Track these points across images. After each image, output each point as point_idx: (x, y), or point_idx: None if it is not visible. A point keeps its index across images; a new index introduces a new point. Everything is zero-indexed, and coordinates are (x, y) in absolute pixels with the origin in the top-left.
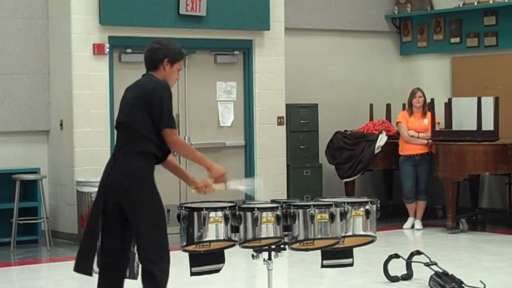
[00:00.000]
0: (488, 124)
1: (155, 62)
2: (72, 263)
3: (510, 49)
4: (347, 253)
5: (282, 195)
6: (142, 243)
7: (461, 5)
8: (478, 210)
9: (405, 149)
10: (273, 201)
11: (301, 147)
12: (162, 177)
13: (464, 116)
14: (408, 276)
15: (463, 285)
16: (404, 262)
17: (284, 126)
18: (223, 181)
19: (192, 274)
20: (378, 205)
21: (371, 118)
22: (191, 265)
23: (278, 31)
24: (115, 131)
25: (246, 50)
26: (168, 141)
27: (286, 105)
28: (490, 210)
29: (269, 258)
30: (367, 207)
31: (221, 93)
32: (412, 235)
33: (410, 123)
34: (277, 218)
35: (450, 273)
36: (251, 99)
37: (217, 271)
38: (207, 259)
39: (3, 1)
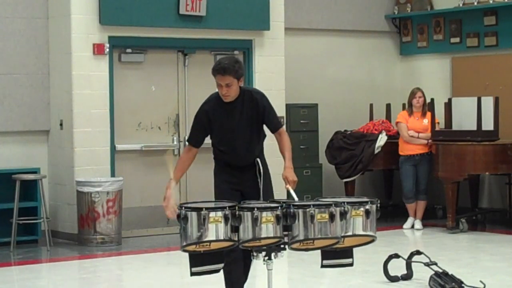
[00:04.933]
0: (488, 124)
1: None
2: (72, 263)
3: (510, 49)
4: (347, 253)
5: (282, 195)
6: None
7: (461, 5)
8: (478, 210)
9: (405, 149)
10: (273, 201)
11: (301, 147)
12: (163, 177)
13: (464, 116)
14: (408, 276)
15: (463, 285)
16: (404, 262)
17: (284, 126)
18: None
19: (192, 274)
20: (378, 205)
21: (371, 118)
22: (191, 265)
23: (278, 31)
24: (115, 131)
25: (246, 50)
26: None
27: (286, 105)
28: (490, 210)
29: (269, 258)
30: (367, 207)
31: None
32: (412, 235)
33: (410, 123)
34: (277, 218)
35: (450, 273)
36: None
37: (217, 271)
38: (207, 259)
39: (3, 1)
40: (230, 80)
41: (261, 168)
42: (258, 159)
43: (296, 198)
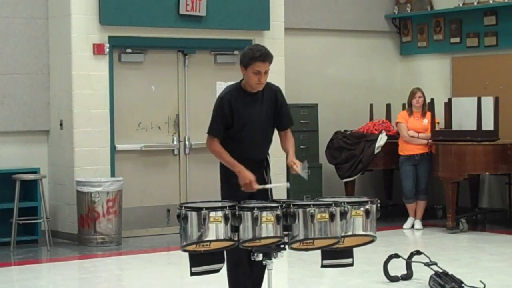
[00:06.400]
0: (488, 124)
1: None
2: (72, 263)
3: (510, 49)
4: (347, 253)
5: (282, 195)
6: None
7: (461, 5)
8: (478, 210)
9: (405, 149)
10: (273, 201)
11: (301, 147)
12: (163, 177)
13: (464, 116)
14: (408, 276)
15: (463, 285)
16: (404, 262)
17: None
18: (251, 188)
19: (192, 274)
20: (378, 205)
21: (371, 118)
22: (191, 265)
23: (278, 31)
24: (115, 131)
25: None
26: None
27: None
28: (490, 210)
29: (269, 258)
30: (367, 207)
31: None
32: (412, 235)
33: (410, 123)
34: (277, 217)
35: (450, 273)
36: None
37: (217, 271)
38: (207, 259)
39: (3, 1)
40: (268, 67)
41: (269, 161)
42: (268, 156)
43: (306, 177)
